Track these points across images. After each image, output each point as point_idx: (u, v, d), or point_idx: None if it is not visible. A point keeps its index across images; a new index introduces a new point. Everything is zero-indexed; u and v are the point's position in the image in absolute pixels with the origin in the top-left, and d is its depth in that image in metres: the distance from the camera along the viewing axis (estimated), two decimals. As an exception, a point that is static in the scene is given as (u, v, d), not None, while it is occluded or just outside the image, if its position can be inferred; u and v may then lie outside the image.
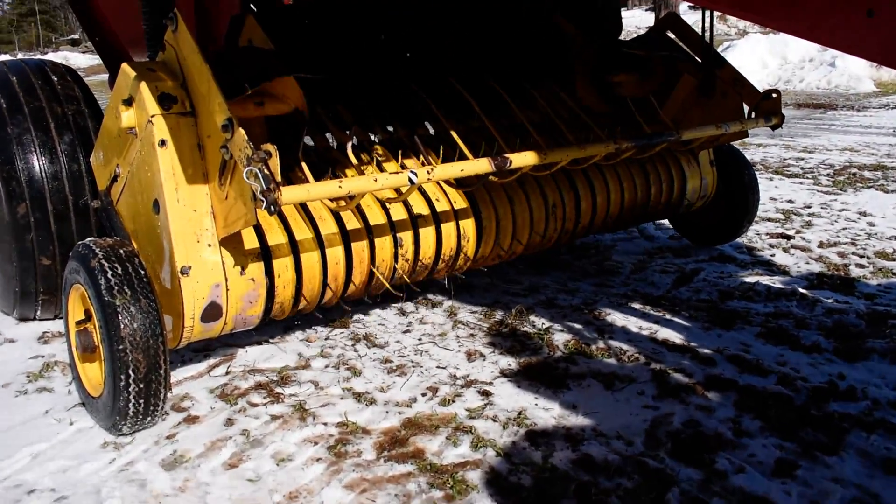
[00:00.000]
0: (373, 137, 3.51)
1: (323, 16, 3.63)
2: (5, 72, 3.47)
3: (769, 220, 5.43)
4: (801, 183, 6.71)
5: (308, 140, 3.26)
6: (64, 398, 2.94)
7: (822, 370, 3.08)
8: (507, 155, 2.92)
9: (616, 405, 2.82)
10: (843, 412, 2.75)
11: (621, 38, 4.68)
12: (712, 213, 4.62)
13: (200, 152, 2.62)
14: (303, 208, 2.94)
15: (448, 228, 3.24)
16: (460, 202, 3.30)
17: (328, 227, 2.94)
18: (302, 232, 2.88)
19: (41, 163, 3.27)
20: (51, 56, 26.33)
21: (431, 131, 3.68)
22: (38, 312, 3.56)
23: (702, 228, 4.73)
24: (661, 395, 2.88)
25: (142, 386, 2.45)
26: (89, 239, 2.67)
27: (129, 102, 2.65)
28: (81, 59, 30.18)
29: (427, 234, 3.19)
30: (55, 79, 3.50)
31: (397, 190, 3.07)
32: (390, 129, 3.56)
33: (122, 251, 2.58)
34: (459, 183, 3.33)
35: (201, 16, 3.59)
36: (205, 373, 3.13)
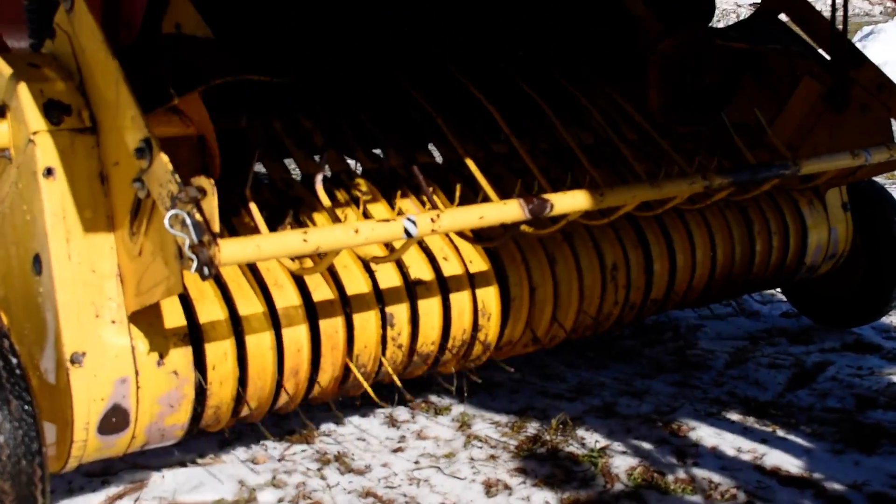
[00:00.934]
0: (354, 166, 3.53)
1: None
2: None
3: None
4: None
5: (260, 168, 3.29)
6: None
7: None
8: (546, 195, 2.93)
9: (705, 566, 2.81)
10: None
11: (713, 24, 4.72)
12: (846, 279, 4.61)
13: (103, 186, 2.63)
14: (251, 270, 2.94)
15: (460, 300, 3.25)
16: (479, 263, 3.31)
17: (287, 297, 2.94)
18: (249, 304, 2.87)
19: None
20: None
21: (437, 157, 3.70)
22: None
23: (830, 302, 4.72)
24: (771, 552, 2.87)
25: (9, 528, 2.43)
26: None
27: (0, 112, 2.67)
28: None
29: (429, 308, 3.18)
30: None
31: (387, 245, 3.08)
32: (379, 153, 3.58)
33: (-16, 330, 2.58)
34: (478, 236, 3.35)
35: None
36: (101, 507, 3.13)
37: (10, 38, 4.65)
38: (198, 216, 2.27)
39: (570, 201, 2.97)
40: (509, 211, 2.87)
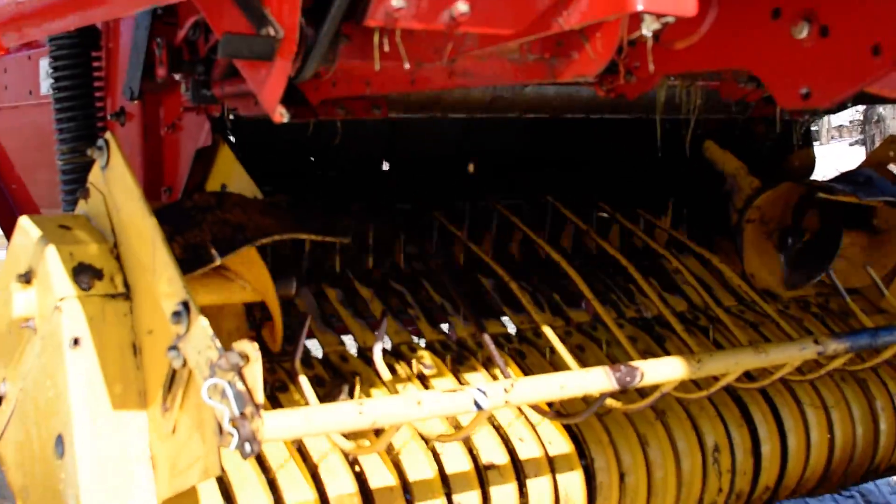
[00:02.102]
0: (416, 339, 3.49)
1: (342, 146, 3.70)
2: None
3: None
4: None
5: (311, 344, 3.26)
6: None
7: None
8: (634, 363, 2.85)
9: None
10: None
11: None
12: None
13: (135, 357, 2.60)
14: (299, 452, 2.87)
15: (539, 488, 3.15)
16: (559, 444, 3.23)
17: (340, 484, 2.87)
18: (297, 491, 2.80)
19: None
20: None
21: (511, 329, 3.65)
22: None
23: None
24: None
25: None
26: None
27: (26, 278, 2.67)
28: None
29: (504, 497, 3.09)
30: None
31: (454, 423, 3.01)
32: (445, 326, 3.54)
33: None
34: (558, 413, 3.26)
35: (152, 150, 3.69)
36: None
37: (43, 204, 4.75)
38: (239, 385, 2.22)
39: (663, 370, 2.88)
40: (594, 380, 2.78)
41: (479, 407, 2.58)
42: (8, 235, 4.80)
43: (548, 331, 3.27)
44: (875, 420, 3.86)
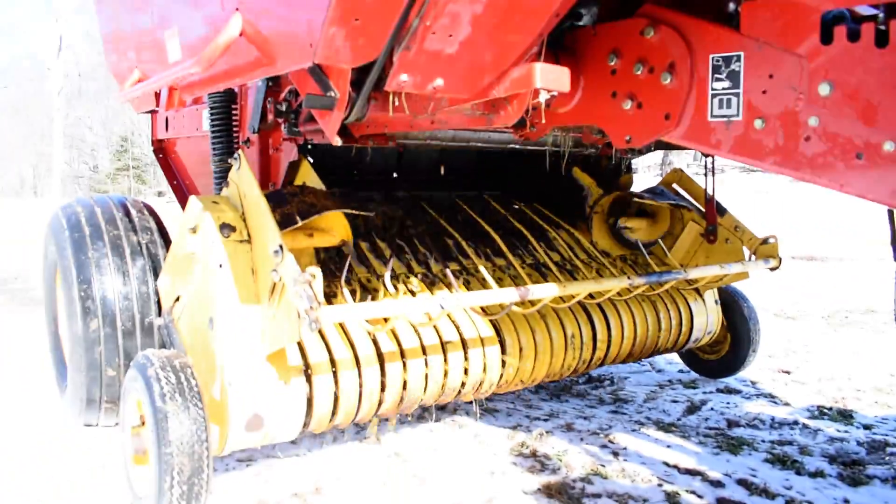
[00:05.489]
0: (409, 272, 3.48)
1: (371, 162, 3.69)
2: (91, 205, 3.54)
3: (770, 356, 5.24)
4: (797, 323, 6.54)
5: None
6: (119, 499, 2.81)
7: (828, 494, 2.86)
8: (529, 287, 2.87)
9: (631, 525, 2.63)
10: (852, 539, 2.54)
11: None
12: (717, 347, 4.48)
13: (254, 276, 2.59)
14: (342, 329, 2.87)
15: (475, 354, 3.14)
16: (486, 330, 3.22)
17: (366, 348, 2.86)
18: (341, 352, 2.80)
19: (115, 284, 3.27)
20: (138, 204, 27.20)
21: (463, 267, 3.65)
22: (101, 418, 3.46)
23: (709, 362, 4.57)
24: (674, 517, 2.69)
25: (185, 488, 2.32)
26: (149, 350, 2.62)
27: (194, 230, 2.66)
28: (163, 206, 31.17)
29: (456, 358, 3.08)
30: (134, 212, 3.56)
31: (429, 315, 3.02)
32: (426, 264, 3.53)
33: (176, 362, 2.52)
34: (486, 311, 3.26)
35: (264, 162, 3.66)
36: (246, 480, 2.99)
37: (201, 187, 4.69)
38: (310, 291, 2.22)
39: (544, 290, 2.90)
40: (505, 295, 2.80)
41: (442, 307, 2.59)
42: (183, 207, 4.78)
43: (482, 269, 3.27)
44: (659, 322, 3.87)
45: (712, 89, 2.09)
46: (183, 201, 4.95)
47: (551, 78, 1.97)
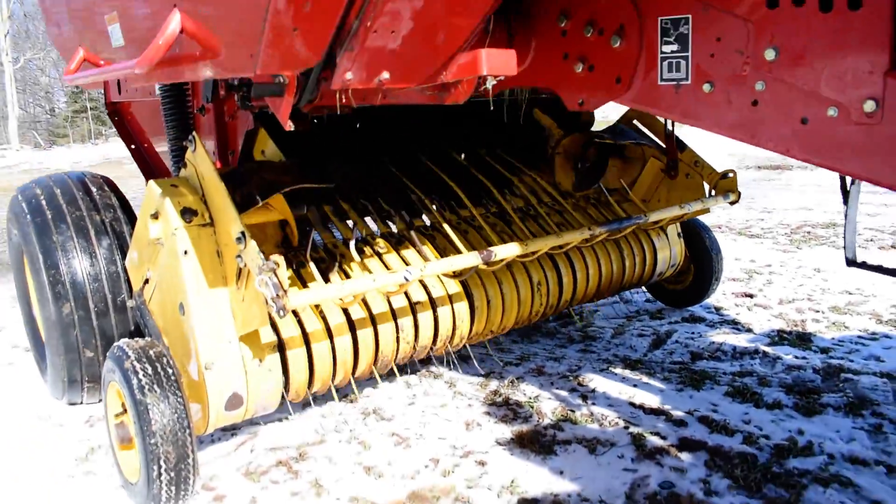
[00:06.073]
0: (375, 231, 3.51)
1: (330, 128, 3.67)
2: (50, 185, 3.51)
3: (734, 279, 5.40)
4: (761, 242, 6.70)
5: (317, 236, 3.27)
6: (107, 481, 2.91)
7: (783, 427, 3.03)
8: (492, 248, 2.93)
9: (598, 469, 2.78)
10: (803, 468, 2.71)
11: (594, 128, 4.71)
12: (682, 278, 4.62)
13: (219, 258, 2.63)
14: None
15: (444, 312, 3.23)
16: (454, 288, 3.29)
17: (336, 318, 2.93)
18: (313, 325, 2.87)
19: (83, 266, 3.29)
20: (101, 147, 26.61)
21: (427, 222, 3.68)
22: (85, 398, 3.53)
23: (674, 293, 4.71)
24: (638, 458, 2.84)
25: (172, 475, 2.42)
26: (123, 341, 2.67)
27: (155, 216, 2.67)
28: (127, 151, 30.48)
29: (425, 318, 3.17)
30: (94, 189, 3.53)
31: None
32: (390, 223, 3.56)
33: (152, 352, 2.58)
34: (455, 273, 3.32)
35: (221, 130, 3.64)
36: (231, 451, 3.10)
37: (166, 161, 4.64)
38: (275, 279, 2.26)
39: (506, 251, 2.97)
40: (469, 260, 2.87)
41: (406, 280, 2.66)
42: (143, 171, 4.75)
43: (446, 225, 3.32)
44: (623, 261, 3.97)
45: (661, 52, 2.11)
46: (142, 165, 4.90)
47: (497, 64, 1.99)
